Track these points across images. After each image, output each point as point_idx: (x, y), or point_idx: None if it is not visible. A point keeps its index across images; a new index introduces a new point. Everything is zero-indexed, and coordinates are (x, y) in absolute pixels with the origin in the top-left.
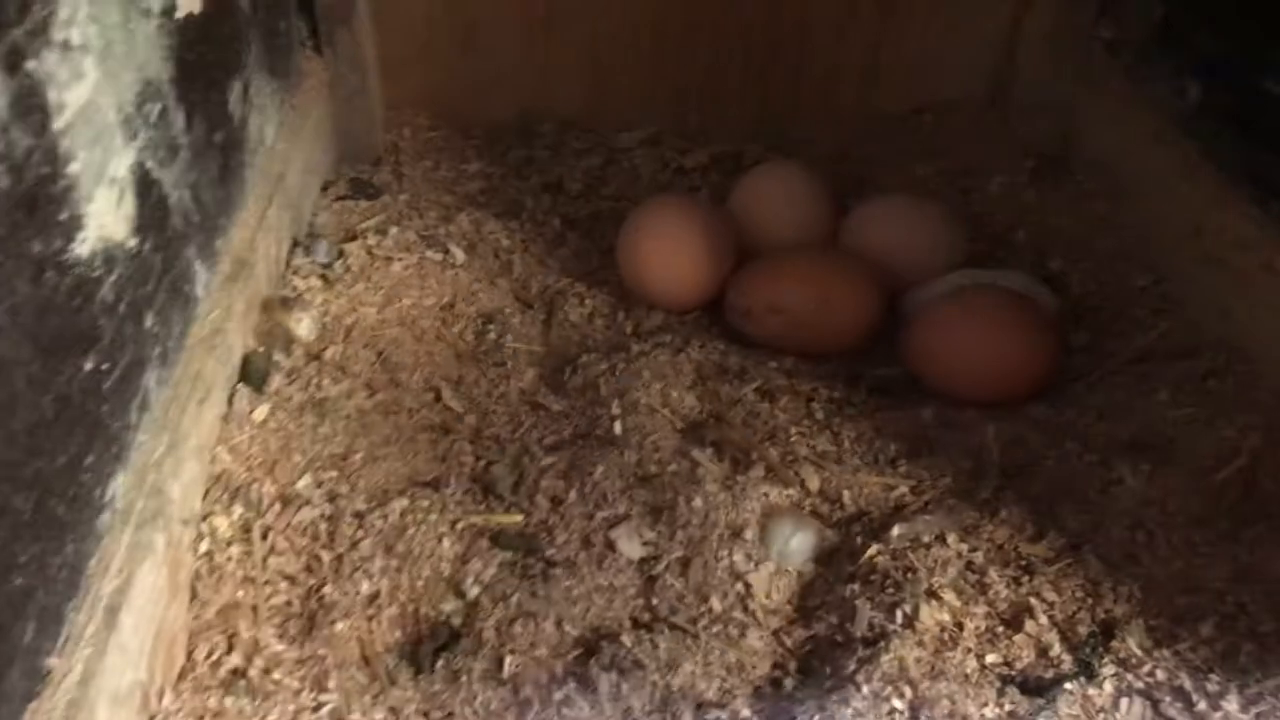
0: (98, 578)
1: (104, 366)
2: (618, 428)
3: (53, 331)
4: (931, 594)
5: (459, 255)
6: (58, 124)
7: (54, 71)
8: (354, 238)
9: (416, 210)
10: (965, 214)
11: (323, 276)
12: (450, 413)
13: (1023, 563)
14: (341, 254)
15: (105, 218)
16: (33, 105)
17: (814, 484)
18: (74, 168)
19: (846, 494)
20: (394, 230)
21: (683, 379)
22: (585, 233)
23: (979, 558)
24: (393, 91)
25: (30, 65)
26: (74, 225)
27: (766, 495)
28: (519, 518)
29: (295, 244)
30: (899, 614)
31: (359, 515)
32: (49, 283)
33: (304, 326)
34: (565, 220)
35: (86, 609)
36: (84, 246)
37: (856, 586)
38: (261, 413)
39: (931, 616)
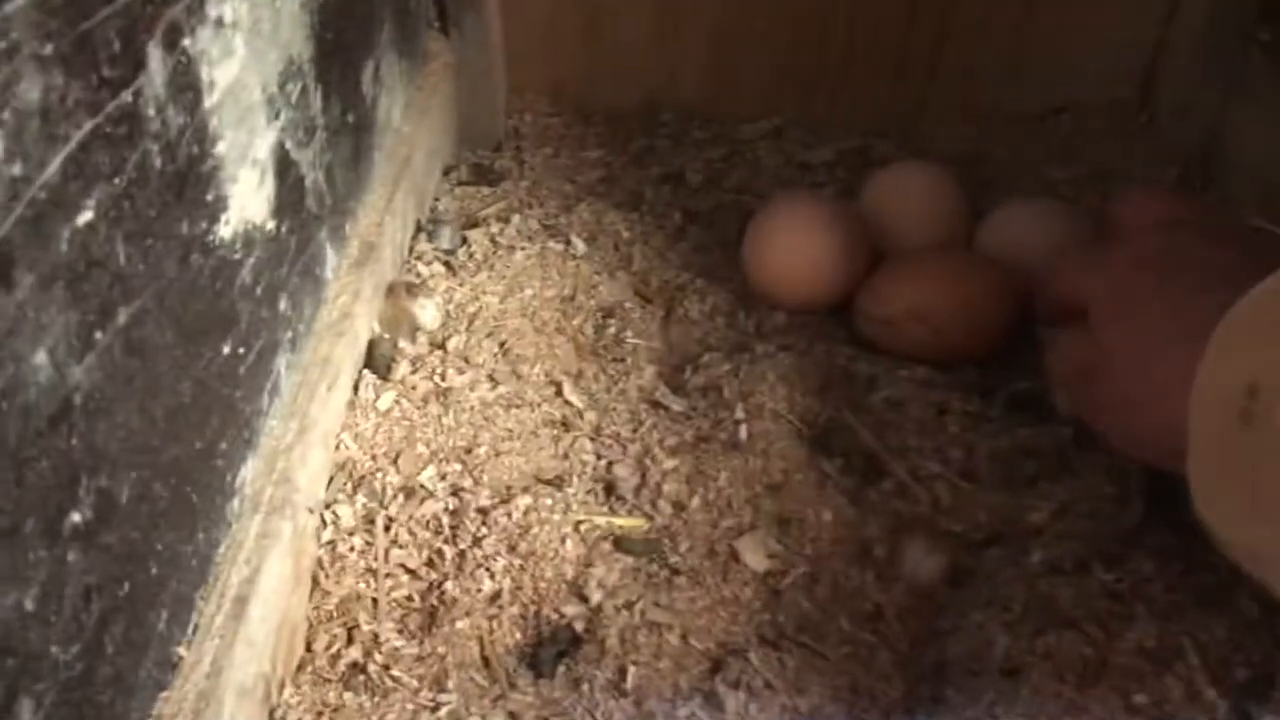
0: (227, 566)
1: (240, 350)
2: (742, 432)
3: (195, 315)
4: (1073, 625)
5: (580, 246)
6: (208, 102)
7: (207, 49)
8: (476, 224)
9: (537, 198)
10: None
11: (446, 263)
12: (571, 408)
13: (1172, 598)
14: (465, 241)
15: (247, 199)
16: (187, 83)
17: (947, 501)
18: (221, 147)
19: (981, 514)
20: (516, 219)
21: (809, 384)
22: (706, 226)
23: (1124, 589)
24: (516, 76)
25: (186, 42)
26: (219, 206)
27: (897, 511)
28: (642, 522)
29: (419, 228)
30: (1039, 644)
31: (482, 511)
32: (194, 265)
33: (428, 314)
34: (686, 213)
35: (215, 598)
36: (227, 228)
37: (992, 612)
38: (386, 401)
39: (1073, 649)
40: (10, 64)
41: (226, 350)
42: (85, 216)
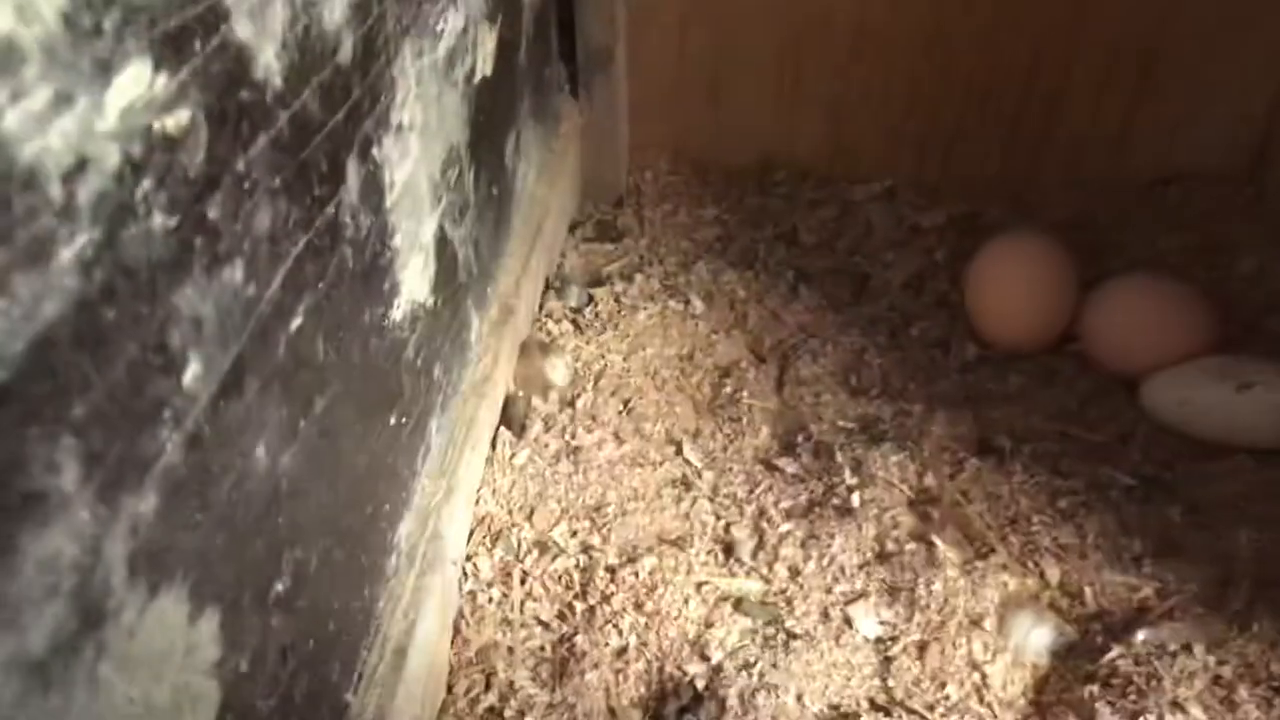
0: (387, 618)
1: (403, 420)
2: (855, 500)
3: (372, 393)
4: (1177, 706)
5: (698, 305)
6: (389, 201)
7: (390, 153)
8: (600, 282)
9: (657, 256)
10: (1214, 295)
11: (574, 321)
12: (690, 467)
13: (1275, 683)
14: (591, 299)
15: (414, 281)
16: (374, 188)
17: (1054, 577)
18: (397, 240)
19: (1088, 590)
20: (639, 278)
21: (921, 453)
22: (818, 287)
23: (1227, 673)
24: (638, 135)
25: (375, 151)
26: (393, 293)
27: (1006, 584)
28: (760, 584)
29: (548, 286)
30: None
31: (610, 569)
32: (373, 349)
33: (559, 373)
34: (799, 273)
35: (377, 649)
36: (398, 311)
37: (1096, 688)
38: (521, 458)
39: None
40: (251, 199)
41: (393, 421)
42: (296, 322)
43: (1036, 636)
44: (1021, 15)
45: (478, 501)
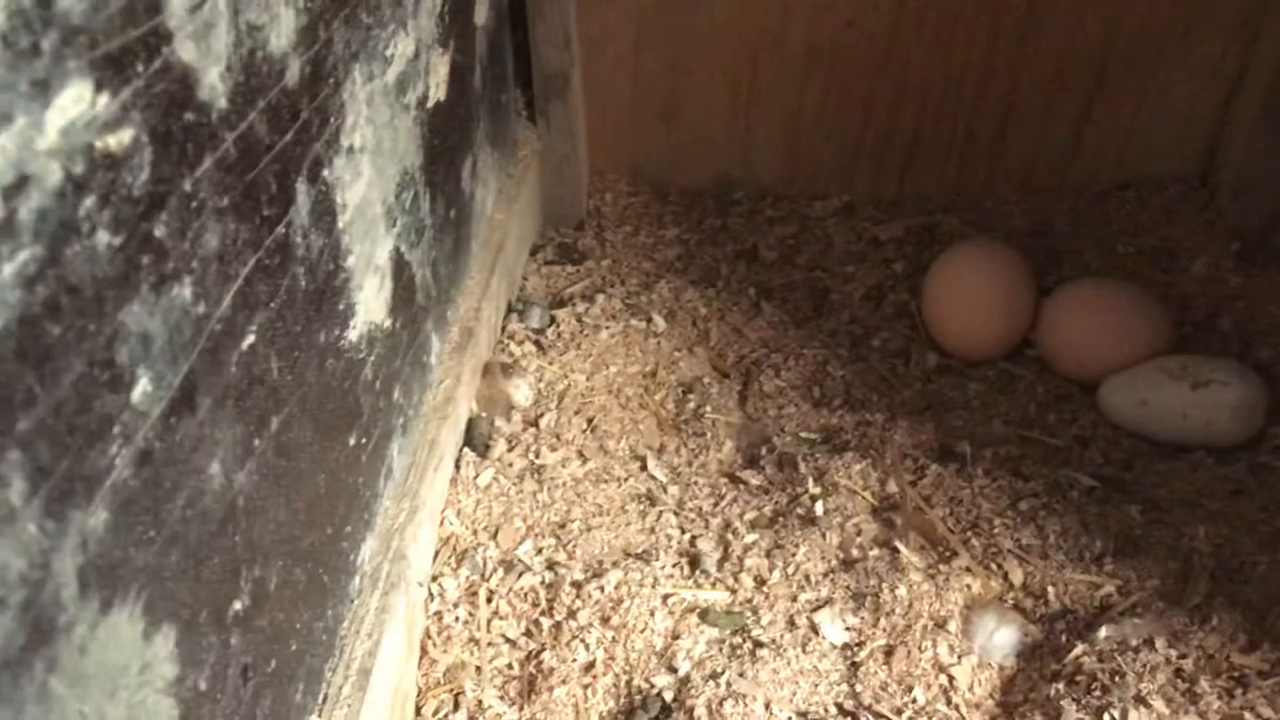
0: (351, 639)
1: (362, 441)
2: (819, 508)
3: (329, 413)
4: (1140, 700)
5: (660, 324)
6: (341, 223)
7: (341, 175)
8: (563, 304)
9: (619, 276)
10: (1167, 297)
11: (536, 343)
12: (655, 482)
13: (1235, 674)
14: (553, 320)
15: (371, 303)
16: (325, 209)
17: (1017, 578)
18: (350, 260)
19: (1051, 590)
20: (600, 298)
21: (883, 461)
22: (780, 303)
23: (1189, 665)
24: (597, 158)
25: (325, 172)
26: (349, 313)
27: (969, 587)
28: (726, 595)
29: (510, 309)
30: (1106, 718)
31: (576, 585)
32: (329, 369)
33: (522, 393)
34: (760, 289)
35: (342, 670)
36: (354, 332)
37: (1061, 686)
38: (486, 478)
39: None
40: (199, 220)
41: (352, 442)
42: (248, 341)
43: (1001, 637)
44: (972, 28)
45: (442, 522)
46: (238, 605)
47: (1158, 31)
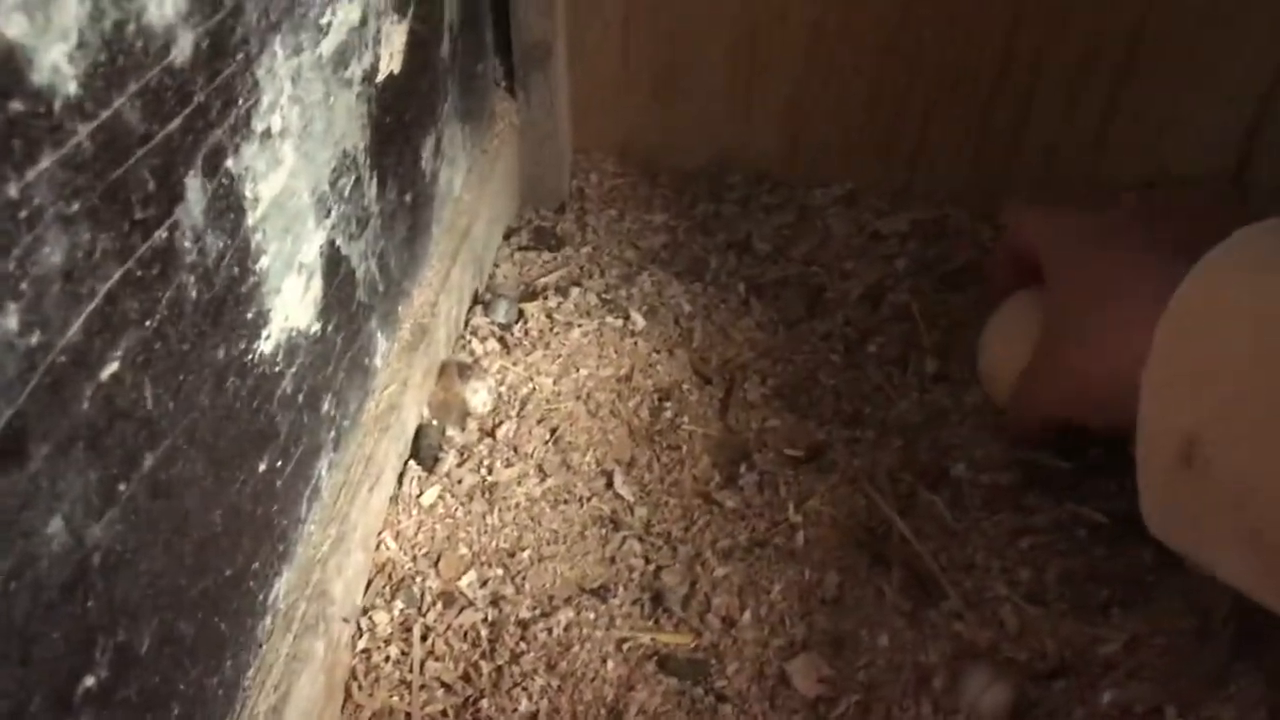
0: (255, 692)
1: (278, 464)
2: (799, 539)
3: (229, 440)
4: None
5: (639, 321)
6: (251, 219)
7: (252, 164)
8: (534, 295)
9: (598, 266)
10: None
11: (501, 340)
12: (621, 501)
13: None
14: (521, 315)
15: (291, 307)
16: (228, 206)
17: (1013, 627)
18: (264, 262)
19: (1049, 642)
20: (575, 291)
21: (872, 487)
22: (771, 300)
23: None
24: (582, 135)
25: (229, 163)
26: (259, 322)
27: (959, 635)
28: (689, 639)
29: (476, 300)
30: None
31: (522, 624)
32: (229, 390)
33: (479, 398)
34: (750, 285)
35: None
36: (268, 343)
37: None
38: (430, 496)
39: None
40: (32, 232)
41: (263, 467)
42: (110, 369)
43: (992, 696)
44: (993, 4)
45: (378, 546)
46: (89, 681)
47: (1196, 15)
